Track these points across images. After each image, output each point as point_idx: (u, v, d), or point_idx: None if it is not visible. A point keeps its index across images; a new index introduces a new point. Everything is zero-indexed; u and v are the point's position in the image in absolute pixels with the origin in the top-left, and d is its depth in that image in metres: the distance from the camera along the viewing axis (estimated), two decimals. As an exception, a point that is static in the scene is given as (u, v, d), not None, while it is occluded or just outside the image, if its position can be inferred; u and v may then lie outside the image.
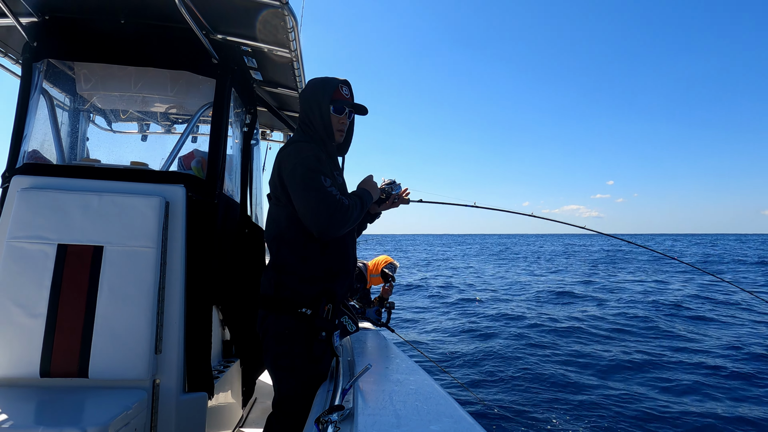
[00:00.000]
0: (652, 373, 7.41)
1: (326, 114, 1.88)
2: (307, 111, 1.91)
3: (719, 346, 9.01)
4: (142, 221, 2.09)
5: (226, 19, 2.40)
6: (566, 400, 6.33)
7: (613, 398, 6.34)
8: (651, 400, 6.25)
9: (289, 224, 1.82)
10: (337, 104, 1.89)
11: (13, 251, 1.97)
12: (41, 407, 1.71)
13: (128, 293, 2.00)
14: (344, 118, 1.93)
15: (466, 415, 1.14)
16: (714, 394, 6.55)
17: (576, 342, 9.46)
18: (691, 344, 9.19)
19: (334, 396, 1.53)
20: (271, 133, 4.77)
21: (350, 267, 1.94)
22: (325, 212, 1.68)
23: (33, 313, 1.91)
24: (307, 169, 1.73)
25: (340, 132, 1.95)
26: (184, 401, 2.09)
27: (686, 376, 7.27)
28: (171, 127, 3.44)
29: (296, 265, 1.81)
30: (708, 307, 13.23)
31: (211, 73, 2.52)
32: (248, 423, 3.12)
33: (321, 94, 1.88)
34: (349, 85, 1.97)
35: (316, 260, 1.81)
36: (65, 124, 2.88)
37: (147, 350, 1.96)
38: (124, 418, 1.70)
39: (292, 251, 1.82)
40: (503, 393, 6.61)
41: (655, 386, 6.82)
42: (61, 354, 1.89)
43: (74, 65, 2.76)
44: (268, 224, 1.93)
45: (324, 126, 1.89)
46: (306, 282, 1.80)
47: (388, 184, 2.27)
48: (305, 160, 1.75)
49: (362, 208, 1.88)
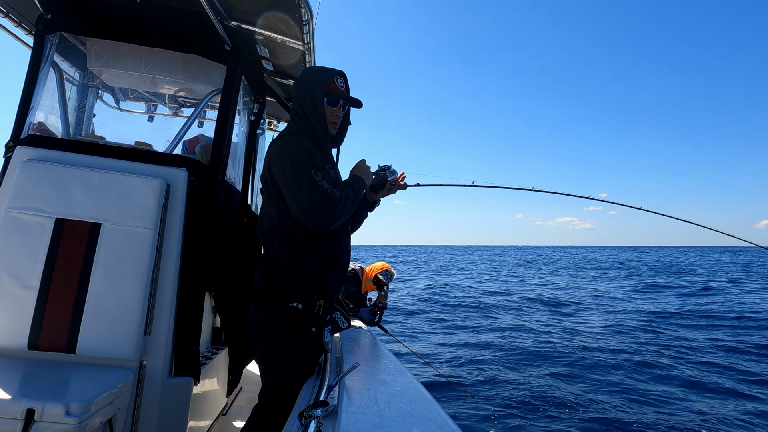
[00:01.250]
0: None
1: (320, 106, 1.84)
2: (300, 101, 1.87)
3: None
4: (141, 202, 2.09)
5: (241, 7, 2.40)
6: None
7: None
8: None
9: (280, 218, 1.80)
10: (332, 96, 1.86)
11: (11, 221, 1.97)
12: (26, 379, 1.71)
13: (122, 272, 2.00)
14: (338, 111, 1.90)
15: (449, 420, 1.14)
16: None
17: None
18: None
19: (319, 391, 1.52)
20: (277, 123, 4.76)
21: (343, 262, 1.93)
22: (317, 207, 1.66)
23: (26, 285, 1.91)
24: (297, 163, 1.71)
25: (334, 124, 1.92)
26: (169, 385, 2.09)
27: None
28: (178, 110, 3.44)
29: (288, 259, 1.80)
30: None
31: (223, 60, 2.52)
32: (232, 411, 3.12)
33: (315, 85, 1.84)
34: (345, 77, 1.93)
35: (308, 254, 1.80)
36: (73, 98, 2.88)
37: (136, 331, 1.96)
38: (108, 397, 1.69)
39: (284, 245, 1.81)
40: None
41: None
42: (50, 328, 1.88)
43: (86, 40, 2.76)
44: (260, 218, 1.92)
45: (317, 118, 1.85)
46: (298, 276, 1.79)
47: (383, 169, 2.23)
48: (294, 155, 1.73)
49: (355, 197, 1.85)
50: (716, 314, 13.76)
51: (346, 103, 1.94)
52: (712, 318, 13.23)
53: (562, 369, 7.88)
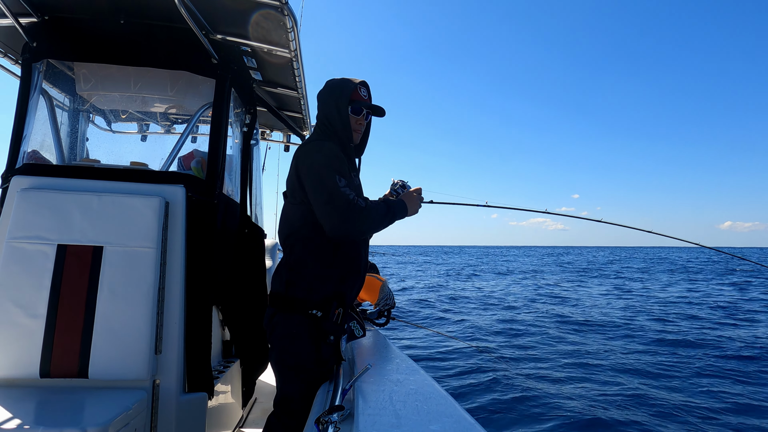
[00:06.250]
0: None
1: (345, 114, 1.88)
2: (325, 111, 1.91)
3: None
4: (141, 221, 2.09)
5: (225, 19, 2.40)
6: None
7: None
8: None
9: (303, 223, 1.81)
10: (355, 105, 1.90)
11: (13, 252, 1.97)
12: (41, 407, 1.71)
13: (128, 293, 2.00)
14: (362, 119, 1.93)
15: (466, 415, 1.14)
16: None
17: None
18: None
19: (334, 396, 1.53)
20: (270, 133, 4.77)
21: (361, 269, 1.94)
22: (335, 212, 1.67)
23: (33, 314, 1.91)
24: (323, 167, 1.73)
25: (357, 132, 1.95)
26: (184, 401, 2.09)
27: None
28: (171, 127, 3.44)
29: (309, 265, 1.80)
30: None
31: (211, 73, 2.52)
32: (248, 423, 3.12)
33: (339, 95, 1.88)
34: (368, 87, 1.97)
35: (329, 260, 1.81)
36: (65, 124, 2.88)
37: (147, 350, 1.96)
38: (124, 419, 1.69)
39: (306, 250, 1.81)
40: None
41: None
42: (60, 354, 1.89)
43: (74, 65, 2.76)
44: (282, 222, 1.92)
45: (343, 126, 1.89)
46: (317, 282, 1.80)
47: (399, 185, 2.25)
48: (324, 158, 1.76)
49: (387, 215, 1.86)
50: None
51: (369, 112, 1.97)
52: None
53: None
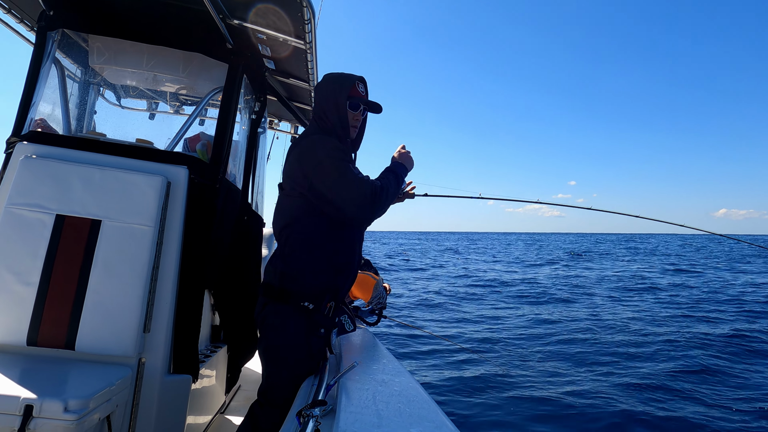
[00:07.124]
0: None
1: (342, 109, 1.88)
2: (323, 104, 1.91)
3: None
4: (142, 199, 2.09)
5: (243, 5, 2.40)
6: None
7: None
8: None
9: (299, 215, 1.82)
10: (353, 101, 1.90)
11: (11, 217, 1.97)
12: (25, 375, 1.71)
13: (122, 270, 2.00)
14: (358, 115, 1.94)
15: (447, 421, 1.14)
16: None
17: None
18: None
19: (317, 391, 1.52)
20: (278, 122, 4.76)
21: (355, 263, 1.94)
22: (362, 198, 1.69)
23: (25, 281, 1.91)
24: (334, 159, 1.74)
25: (354, 128, 1.96)
26: (167, 382, 2.09)
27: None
28: (179, 108, 3.43)
29: (303, 256, 1.80)
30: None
31: (225, 58, 2.52)
32: (230, 410, 3.12)
33: (338, 90, 1.89)
34: (365, 83, 1.98)
35: (323, 252, 1.81)
36: (74, 95, 2.88)
37: (135, 328, 1.96)
38: (107, 394, 1.69)
39: (300, 242, 1.81)
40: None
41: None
42: (49, 324, 1.89)
43: (89, 38, 2.76)
44: (276, 214, 1.92)
45: (340, 121, 1.89)
46: (311, 274, 1.80)
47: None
48: (330, 152, 1.76)
49: (397, 184, 1.90)
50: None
51: (366, 107, 1.97)
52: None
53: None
